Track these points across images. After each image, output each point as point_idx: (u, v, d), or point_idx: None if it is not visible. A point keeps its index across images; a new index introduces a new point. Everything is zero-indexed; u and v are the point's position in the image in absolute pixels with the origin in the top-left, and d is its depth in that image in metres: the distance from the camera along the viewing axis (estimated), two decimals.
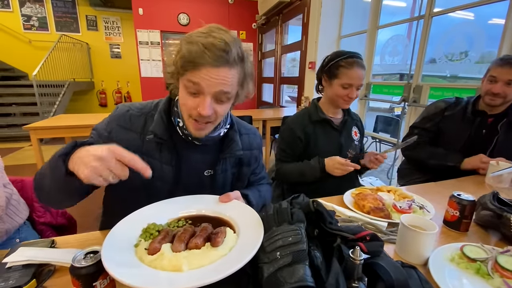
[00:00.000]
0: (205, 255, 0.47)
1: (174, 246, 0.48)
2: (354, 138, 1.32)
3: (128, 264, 0.45)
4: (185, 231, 0.53)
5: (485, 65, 2.11)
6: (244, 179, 0.92)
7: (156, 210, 0.64)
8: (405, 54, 2.62)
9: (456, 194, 0.77)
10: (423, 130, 1.46)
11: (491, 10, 1.98)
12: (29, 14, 6.02)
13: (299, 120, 1.28)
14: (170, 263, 0.45)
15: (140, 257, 0.48)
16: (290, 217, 0.49)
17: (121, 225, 0.57)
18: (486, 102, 1.27)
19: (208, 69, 0.62)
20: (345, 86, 1.16)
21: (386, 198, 0.92)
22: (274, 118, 3.23)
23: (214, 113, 0.68)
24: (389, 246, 0.68)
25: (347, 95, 1.17)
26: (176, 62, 0.66)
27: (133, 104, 0.80)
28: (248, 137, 0.91)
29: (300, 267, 0.41)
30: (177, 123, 0.75)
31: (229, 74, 0.65)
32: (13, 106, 5.24)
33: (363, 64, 1.16)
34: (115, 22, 6.61)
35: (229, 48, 0.63)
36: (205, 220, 0.60)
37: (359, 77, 1.14)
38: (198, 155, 0.80)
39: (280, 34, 4.84)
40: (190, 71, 0.63)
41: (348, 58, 1.15)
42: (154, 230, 0.55)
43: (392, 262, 0.48)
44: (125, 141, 0.73)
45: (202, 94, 0.65)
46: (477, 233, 0.78)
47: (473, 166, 1.27)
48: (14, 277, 0.50)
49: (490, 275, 0.56)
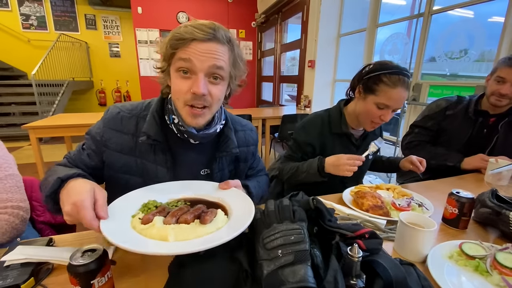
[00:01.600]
0: (192, 230, 0.50)
1: (166, 219, 0.53)
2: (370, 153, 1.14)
3: (120, 230, 0.50)
4: (180, 209, 0.56)
5: (485, 63, 2.12)
6: (242, 175, 0.92)
7: (159, 189, 0.68)
8: (405, 52, 2.61)
9: (455, 191, 0.77)
10: (424, 128, 1.45)
11: (491, 8, 1.98)
12: (27, 13, 6.00)
13: (318, 126, 1.14)
14: (158, 233, 0.49)
15: (134, 226, 0.52)
16: (292, 215, 0.49)
17: (125, 197, 0.62)
18: (492, 102, 1.24)
19: (197, 43, 0.63)
20: (380, 107, 0.99)
21: (385, 196, 0.92)
22: (273, 117, 3.23)
23: (209, 95, 0.67)
24: (387, 244, 0.68)
25: (380, 117, 1.00)
26: (166, 48, 0.66)
27: (124, 106, 0.79)
28: (244, 133, 0.90)
29: (302, 267, 0.41)
30: (171, 121, 0.73)
31: (219, 49, 0.65)
32: (12, 106, 5.23)
33: (408, 84, 0.98)
34: (114, 21, 6.59)
35: (216, 27, 0.65)
36: (203, 203, 0.63)
37: (400, 99, 0.96)
38: (194, 155, 0.79)
39: (280, 32, 4.83)
40: (180, 49, 0.64)
41: (393, 74, 0.96)
42: (153, 206, 0.59)
43: (391, 260, 0.48)
44: (118, 144, 0.74)
45: (194, 73, 0.65)
46: (476, 230, 0.78)
47: (474, 166, 1.26)
48: (12, 276, 0.50)
49: (489, 272, 0.56)
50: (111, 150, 0.74)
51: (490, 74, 1.27)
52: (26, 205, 0.83)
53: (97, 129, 0.76)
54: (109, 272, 0.46)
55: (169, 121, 0.74)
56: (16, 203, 0.79)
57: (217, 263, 0.49)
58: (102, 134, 0.74)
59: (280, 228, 0.46)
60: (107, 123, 0.75)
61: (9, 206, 0.79)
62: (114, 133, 0.74)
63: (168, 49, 0.66)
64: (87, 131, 0.79)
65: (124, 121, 0.75)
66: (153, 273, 0.54)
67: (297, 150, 1.18)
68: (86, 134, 0.78)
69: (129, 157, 0.75)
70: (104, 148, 0.75)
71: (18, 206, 0.79)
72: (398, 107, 0.99)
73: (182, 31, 0.64)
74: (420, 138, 1.45)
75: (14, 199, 0.80)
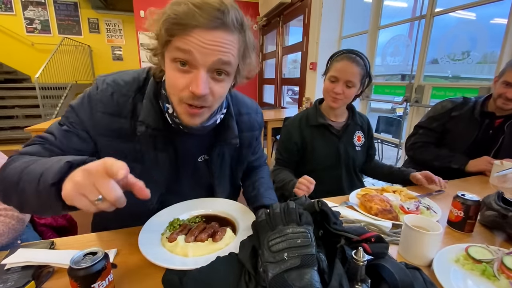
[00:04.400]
0: (206, 247, 0.60)
1: (187, 238, 0.62)
2: (356, 144, 1.25)
3: (154, 247, 0.60)
4: (197, 227, 0.66)
5: (487, 65, 2.11)
6: (244, 161, 0.87)
7: (181, 208, 0.77)
8: (407, 54, 2.61)
9: (460, 194, 0.76)
10: (429, 130, 1.44)
11: (493, 10, 1.97)
12: (31, 17, 6.07)
13: (296, 123, 1.23)
14: (181, 250, 0.59)
15: (163, 243, 0.62)
16: (299, 218, 0.48)
17: (155, 218, 0.72)
18: (498, 105, 1.24)
19: (200, 32, 0.50)
20: (331, 80, 1.12)
21: (392, 199, 0.90)
22: (275, 119, 3.22)
23: (211, 93, 0.56)
24: (392, 248, 0.67)
25: (333, 90, 1.11)
26: (160, 29, 0.53)
27: (116, 82, 0.65)
28: (249, 117, 0.82)
29: (309, 272, 0.40)
30: (166, 109, 0.63)
31: (227, 40, 0.53)
32: (16, 109, 5.26)
33: (356, 60, 1.08)
34: (116, 24, 6.65)
35: (226, 8, 0.51)
36: (216, 219, 0.73)
37: (345, 70, 1.08)
38: (190, 142, 0.73)
39: (281, 35, 4.85)
40: (177, 36, 0.51)
41: (342, 54, 1.12)
42: (177, 224, 0.69)
43: (397, 264, 0.47)
44: (115, 130, 0.65)
45: (194, 68, 0.53)
46: (482, 233, 0.76)
47: (479, 169, 1.25)
48: (13, 279, 0.50)
49: (496, 276, 0.54)
50: (107, 137, 0.65)
51: (498, 75, 1.26)
52: None
53: (86, 111, 0.63)
54: (110, 276, 0.45)
55: (164, 109, 0.64)
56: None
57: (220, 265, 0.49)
58: (97, 120, 0.63)
59: (286, 231, 0.45)
60: (101, 106, 0.63)
61: (2, 208, 0.78)
62: (110, 118, 0.64)
63: (162, 32, 0.53)
64: (73, 107, 0.65)
65: (121, 103, 0.64)
66: (154, 276, 0.54)
67: (282, 151, 1.24)
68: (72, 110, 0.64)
69: (127, 143, 0.67)
70: (98, 135, 0.65)
71: (12, 208, 0.78)
72: (346, 78, 1.08)
73: (181, 12, 0.50)
74: (425, 139, 1.44)
75: None
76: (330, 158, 1.20)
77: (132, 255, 0.60)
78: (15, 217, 0.79)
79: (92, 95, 0.64)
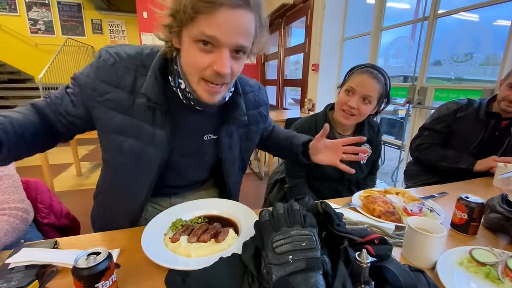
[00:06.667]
0: (209, 247, 0.60)
1: (189, 238, 0.62)
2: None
3: (157, 247, 0.60)
4: (200, 227, 0.66)
5: (490, 67, 2.09)
6: (254, 138, 0.87)
7: (184, 208, 0.77)
8: (409, 56, 2.60)
9: (464, 196, 0.75)
10: (434, 131, 1.43)
11: (496, 12, 1.97)
12: (35, 18, 6.12)
13: (305, 129, 1.15)
14: (184, 251, 0.59)
15: (166, 244, 0.63)
16: (303, 219, 0.48)
17: (158, 218, 0.72)
18: (503, 108, 1.24)
19: (226, 10, 0.50)
20: (347, 91, 1.04)
21: (395, 201, 0.90)
22: (277, 120, 3.22)
23: (231, 71, 0.57)
24: (395, 250, 0.67)
25: (347, 103, 1.03)
26: (183, 5, 0.52)
27: (119, 54, 0.65)
28: (254, 94, 0.83)
29: (314, 275, 0.40)
30: (177, 84, 0.64)
31: (248, 20, 0.54)
32: None
33: (377, 76, 1.01)
34: (119, 25, 6.69)
35: None
36: (219, 219, 0.73)
37: (364, 83, 1.01)
38: (197, 119, 0.72)
39: (283, 36, 4.85)
40: (202, 14, 0.51)
41: (363, 67, 1.05)
42: (180, 224, 0.69)
43: (401, 266, 0.46)
44: (113, 101, 0.64)
45: (217, 47, 0.54)
46: (486, 236, 0.76)
47: (487, 165, 1.24)
48: (17, 278, 0.50)
49: (501, 279, 0.54)
50: (103, 106, 0.65)
51: (503, 78, 1.26)
52: (25, 205, 0.83)
53: (86, 77, 0.65)
54: (113, 276, 0.45)
55: (175, 85, 0.65)
56: (13, 204, 0.79)
57: (223, 266, 0.49)
58: (94, 87, 0.64)
59: (290, 232, 0.45)
60: (100, 74, 0.64)
61: (6, 207, 0.79)
62: (108, 88, 0.64)
63: (186, 8, 0.51)
64: (74, 76, 0.67)
65: (120, 74, 0.64)
66: (157, 276, 0.54)
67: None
68: (73, 80, 0.67)
69: (124, 116, 0.65)
70: (95, 103, 0.65)
71: (16, 207, 0.79)
72: (364, 92, 1.01)
73: None
74: (430, 141, 1.44)
75: (11, 200, 0.80)
76: (334, 171, 1.15)
77: (135, 255, 0.60)
78: (19, 216, 0.79)
79: (94, 63, 0.66)
